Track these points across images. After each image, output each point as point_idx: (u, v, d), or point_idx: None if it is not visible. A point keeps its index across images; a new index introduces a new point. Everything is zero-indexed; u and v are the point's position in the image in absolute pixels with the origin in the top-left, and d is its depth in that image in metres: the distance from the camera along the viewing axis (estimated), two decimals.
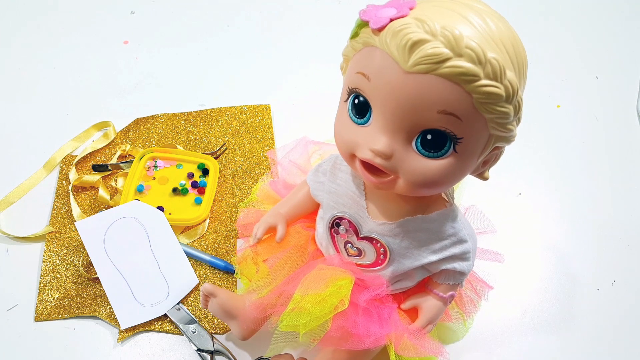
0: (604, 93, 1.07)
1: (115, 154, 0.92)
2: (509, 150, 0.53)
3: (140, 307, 0.75)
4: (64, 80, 1.05)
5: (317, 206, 0.66)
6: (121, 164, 0.89)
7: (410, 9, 0.45)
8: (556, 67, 1.10)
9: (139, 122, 0.96)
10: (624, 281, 0.83)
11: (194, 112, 0.98)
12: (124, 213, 0.81)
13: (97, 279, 0.79)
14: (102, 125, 0.95)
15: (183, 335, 0.75)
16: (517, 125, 0.48)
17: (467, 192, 0.76)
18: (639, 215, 0.90)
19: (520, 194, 0.92)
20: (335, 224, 0.62)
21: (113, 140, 0.93)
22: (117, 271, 0.77)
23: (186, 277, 0.79)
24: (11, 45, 1.11)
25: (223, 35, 1.14)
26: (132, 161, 0.88)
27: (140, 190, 0.85)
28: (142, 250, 0.79)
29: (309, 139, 0.80)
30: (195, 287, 0.79)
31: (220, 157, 0.93)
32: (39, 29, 1.13)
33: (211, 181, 0.87)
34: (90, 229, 0.78)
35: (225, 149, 0.94)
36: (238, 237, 0.83)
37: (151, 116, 0.97)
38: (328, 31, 1.13)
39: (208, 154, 0.91)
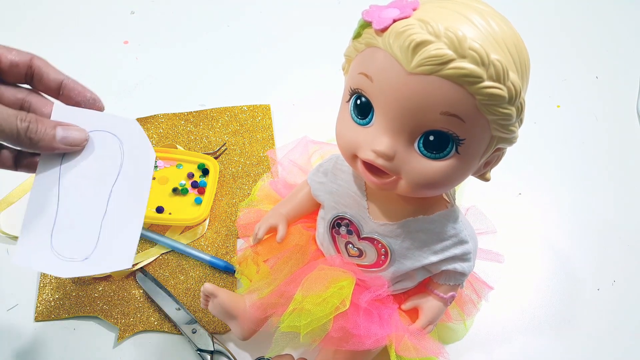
0: (604, 93, 1.07)
1: None
2: (509, 150, 0.53)
3: (49, 251, 0.56)
4: None
5: (318, 206, 0.66)
6: None
7: (414, 9, 0.44)
8: (556, 67, 1.10)
9: (139, 122, 0.95)
10: (624, 281, 0.83)
11: (194, 112, 0.98)
12: (115, 127, 0.57)
13: (97, 279, 0.79)
14: None
15: (183, 335, 0.75)
16: (520, 126, 0.48)
17: (467, 192, 0.76)
18: (639, 215, 0.90)
19: (520, 194, 0.92)
20: (336, 224, 0.62)
21: None
22: (57, 190, 0.56)
23: (121, 253, 0.56)
24: (11, 45, 1.10)
25: (223, 35, 1.14)
26: None
27: None
28: (99, 185, 0.57)
29: (310, 138, 0.80)
30: (121, 270, 0.65)
31: (220, 157, 0.93)
32: (38, 28, 1.13)
33: (211, 181, 0.87)
34: (66, 120, 0.56)
35: (225, 149, 0.94)
36: (238, 237, 0.83)
37: (151, 116, 0.97)
38: (328, 31, 1.13)
39: (208, 154, 0.91)
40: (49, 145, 0.53)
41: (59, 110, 0.56)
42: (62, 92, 0.56)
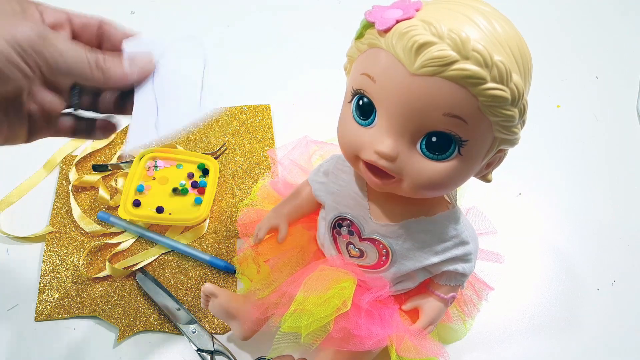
0: (604, 93, 1.07)
1: (115, 154, 0.92)
2: (509, 150, 0.53)
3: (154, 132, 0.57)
4: None
5: (319, 206, 0.66)
6: (121, 164, 0.89)
7: (417, 10, 0.45)
8: (556, 67, 1.10)
9: None
10: (624, 281, 0.83)
11: None
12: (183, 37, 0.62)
13: (97, 279, 0.79)
14: None
15: (183, 335, 0.75)
16: (522, 128, 0.48)
17: (467, 192, 0.76)
18: (639, 215, 0.90)
19: (520, 194, 0.92)
20: (337, 224, 0.62)
21: (113, 140, 0.93)
22: (154, 97, 0.58)
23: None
24: None
25: (223, 35, 1.14)
26: (132, 161, 0.88)
27: (140, 190, 0.85)
28: (189, 86, 0.60)
29: (310, 138, 0.79)
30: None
31: (220, 157, 0.93)
32: None
33: (211, 181, 0.87)
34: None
35: (225, 149, 0.94)
36: (238, 237, 0.83)
37: None
38: (328, 31, 1.13)
39: (208, 154, 0.91)
40: (122, 74, 0.54)
41: (129, 44, 0.57)
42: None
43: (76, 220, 0.83)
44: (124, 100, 0.57)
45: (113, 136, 0.93)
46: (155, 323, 0.76)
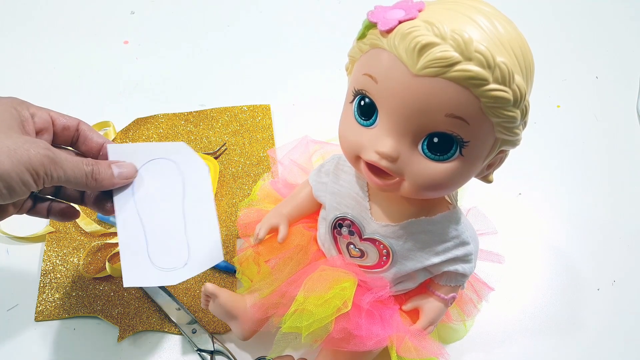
0: (604, 93, 1.07)
1: None
2: (509, 151, 0.53)
3: (152, 267, 0.63)
4: (64, 81, 1.04)
5: (319, 206, 0.66)
6: None
7: (419, 11, 0.44)
8: (556, 67, 1.10)
9: (139, 122, 0.96)
10: (624, 281, 0.83)
11: (194, 112, 0.98)
12: (166, 153, 0.66)
13: (97, 279, 0.79)
14: (102, 125, 0.94)
15: (183, 335, 0.75)
16: (523, 129, 0.48)
17: (467, 192, 0.76)
18: (639, 215, 0.90)
19: (520, 194, 0.92)
20: (337, 225, 0.61)
21: (113, 140, 0.93)
22: (139, 219, 0.63)
23: (211, 251, 0.65)
24: (11, 45, 1.10)
25: (223, 35, 1.14)
26: None
27: None
28: (172, 204, 0.65)
29: (310, 138, 0.79)
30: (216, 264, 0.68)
31: (220, 157, 0.93)
32: (38, 28, 1.13)
33: (211, 181, 0.86)
34: (122, 159, 0.64)
35: (225, 149, 0.93)
36: (238, 237, 0.83)
37: (151, 116, 0.97)
38: (328, 31, 1.12)
39: (208, 154, 0.91)
40: (110, 182, 0.60)
41: (114, 150, 0.63)
42: (102, 153, 0.63)
43: (76, 220, 0.83)
44: (100, 196, 0.64)
45: (113, 136, 0.93)
46: (155, 323, 0.76)
